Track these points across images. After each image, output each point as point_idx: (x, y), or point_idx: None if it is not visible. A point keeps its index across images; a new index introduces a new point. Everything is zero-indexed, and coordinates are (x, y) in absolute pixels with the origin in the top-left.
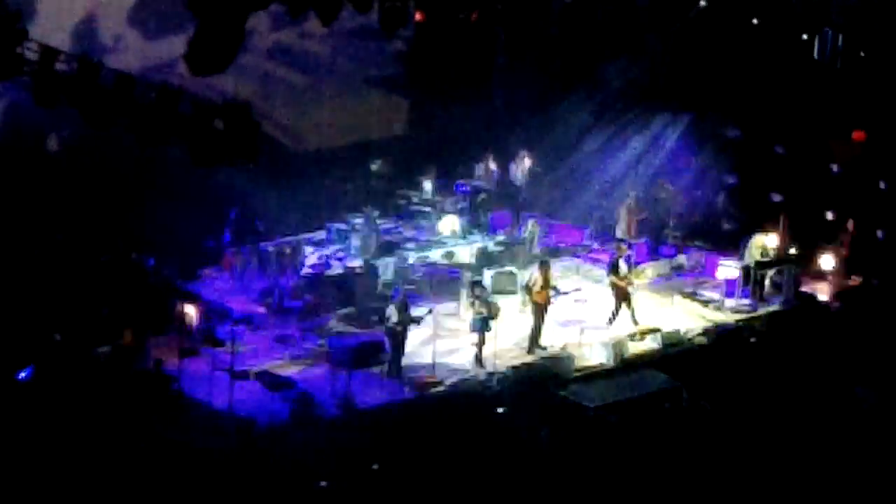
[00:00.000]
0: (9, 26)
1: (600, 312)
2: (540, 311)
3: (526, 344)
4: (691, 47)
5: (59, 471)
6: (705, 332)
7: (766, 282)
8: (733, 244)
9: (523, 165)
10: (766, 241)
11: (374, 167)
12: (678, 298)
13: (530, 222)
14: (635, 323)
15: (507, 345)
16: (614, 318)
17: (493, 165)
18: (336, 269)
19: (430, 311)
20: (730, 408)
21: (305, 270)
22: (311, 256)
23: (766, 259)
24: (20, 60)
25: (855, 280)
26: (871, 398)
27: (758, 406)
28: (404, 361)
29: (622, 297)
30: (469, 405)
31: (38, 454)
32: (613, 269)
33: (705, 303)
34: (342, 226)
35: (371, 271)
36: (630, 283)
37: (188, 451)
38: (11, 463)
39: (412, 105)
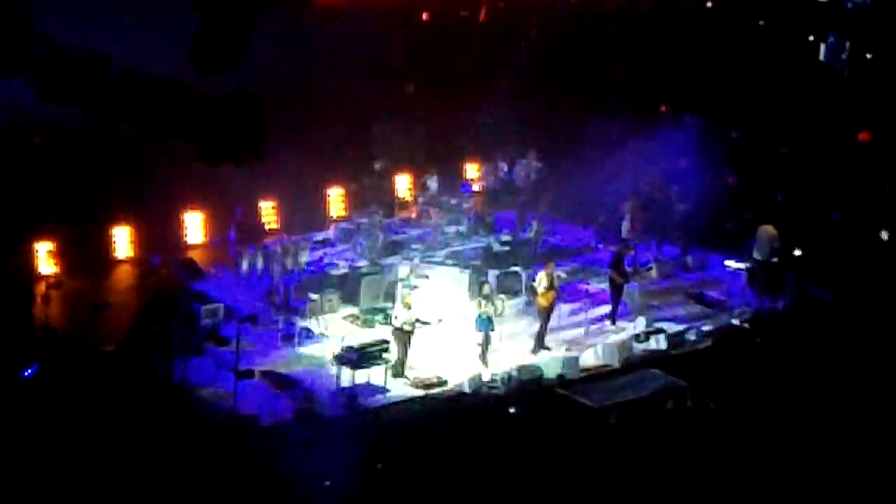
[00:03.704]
0: (18, 22)
1: (604, 312)
2: (545, 311)
3: (531, 344)
4: (697, 47)
5: (62, 468)
6: (710, 333)
7: (772, 282)
8: (737, 244)
9: (530, 165)
10: (774, 231)
11: (377, 166)
12: (683, 298)
13: (535, 222)
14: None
15: (511, 344)
16: (614, 315)
17: (501, 165)
18: (341, 268)
19: (439, 321)
20: (735, 408)
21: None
22: (316, 255)
23: (772, 260)
24: (28, 57)
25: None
26: None
27: (763, 406)
28: (409, 361)
29: (618, 293)
30: (473, 405)
31: (42, 452)
32: (614, 264)
33: (710, 303)
34: (348, 225)
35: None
36: (627, 281)
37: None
38: (15, 461)
39: (417, 103)
